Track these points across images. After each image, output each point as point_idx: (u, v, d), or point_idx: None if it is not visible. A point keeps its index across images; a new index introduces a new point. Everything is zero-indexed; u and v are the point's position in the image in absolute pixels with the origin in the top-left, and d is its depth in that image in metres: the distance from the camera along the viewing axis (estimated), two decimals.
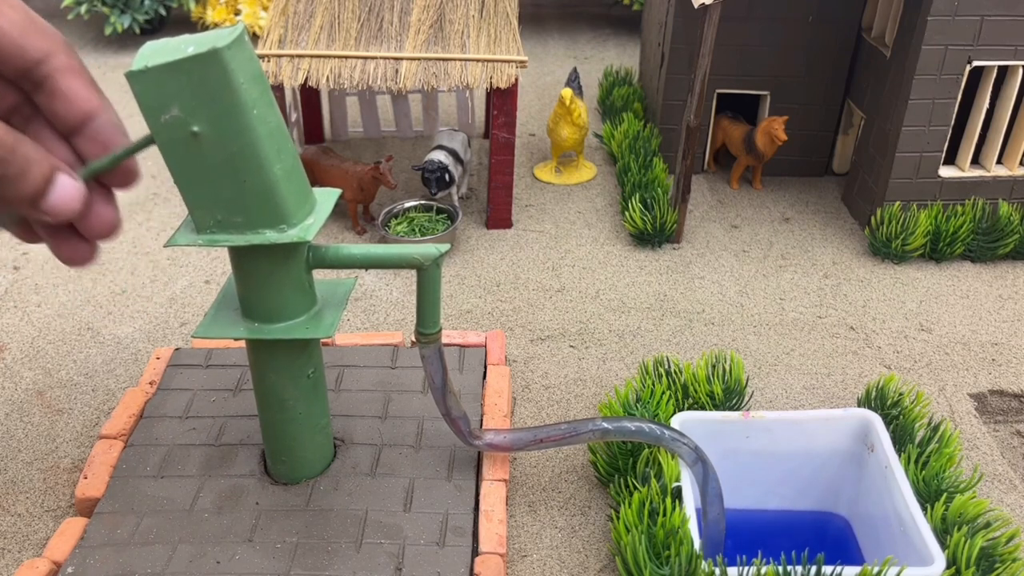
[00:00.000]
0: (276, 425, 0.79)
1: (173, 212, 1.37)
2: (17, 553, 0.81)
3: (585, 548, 0.82)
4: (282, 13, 1.25)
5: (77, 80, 0.57)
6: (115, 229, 0.62)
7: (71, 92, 0.57)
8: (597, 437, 0.81)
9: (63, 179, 0.56)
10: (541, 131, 1.65)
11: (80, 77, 0.58)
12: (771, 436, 0.86)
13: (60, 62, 0.57)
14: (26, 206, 0.56)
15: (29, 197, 0.55)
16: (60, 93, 0.57)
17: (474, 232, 1.33)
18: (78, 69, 0.58)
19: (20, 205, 0.56)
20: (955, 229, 1.23)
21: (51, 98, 0.57)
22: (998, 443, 0.97)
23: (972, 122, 1.26)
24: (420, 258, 0.71)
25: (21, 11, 0.55)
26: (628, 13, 2.28)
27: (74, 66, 0.58)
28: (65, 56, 0.57)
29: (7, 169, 0.53)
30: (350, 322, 1.13)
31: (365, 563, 0.76)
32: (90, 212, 0.60)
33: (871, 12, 1.36)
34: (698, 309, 1.16)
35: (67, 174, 0.57)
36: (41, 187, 0.55)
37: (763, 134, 1.36)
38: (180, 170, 0.62)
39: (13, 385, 1.02)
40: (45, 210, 0.56)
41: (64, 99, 0.57)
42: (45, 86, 0.57)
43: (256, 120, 0.60)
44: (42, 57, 0.56)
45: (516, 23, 1.27)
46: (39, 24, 0.56)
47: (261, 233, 0.64)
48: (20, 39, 0.55)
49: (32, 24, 0.56)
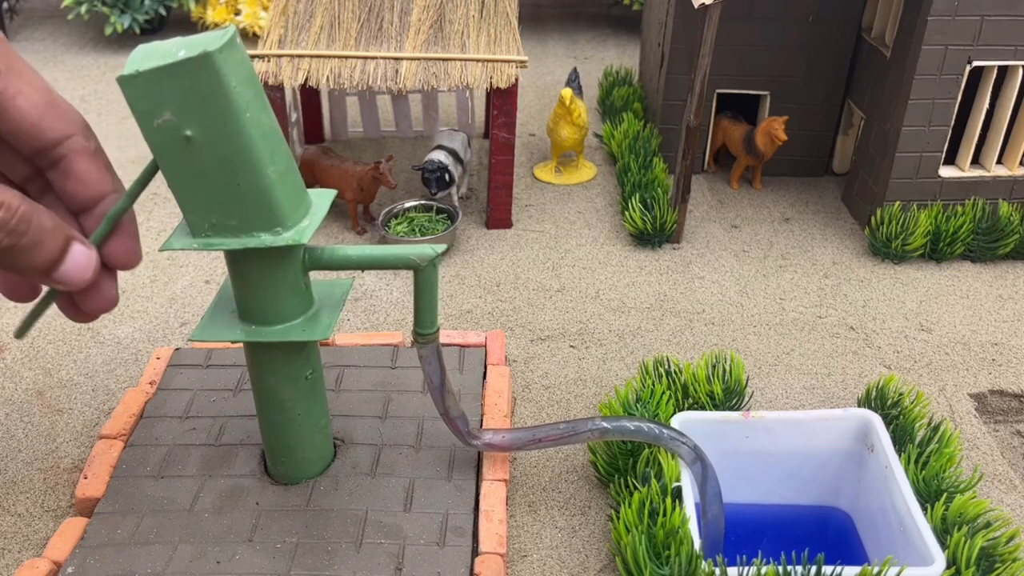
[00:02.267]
0: (275, 426, 0.79)
1: (173, 212, 1.37)
2: (17, 553, 0.81)
3: (585, 548, 0.82)
4: (282, 13, 1.25)
5: (93, 163, 0.59)
6: (113, 305, 0.63)
7: (86, 175, 0.58)
8: (596, 437, 0.81)
9: (77, 248, 0.57)
10: (541, 131, 1.65)
11: (97, 160, 0.59)
12: (771, 436, 0.86)
13: (77, 144, 0.58)
14: (39, 274, 0.57)
15: (44, 266, 0.56)
16: (75, 175, 0.58)
17: (474, 232, 1.33)
18: (95, 152, 0.59)
19: (33, 274, 0.57)
20: (955, 229, 1.23)
21: (65, 178, 0.58)
22: (998, 443, 0.97)
23: (972, 122, 1.26)
24: (416, 259, 0.71)
25: (43, 92, 0.56)
26: (628, 13, 2.28)
27: (90, 149, 0.59)
28: (83, 138, 0.58)
29: (23, 239, 0.54)
30: (350, 322, 1.13)
31: (365, 563, 0.76)
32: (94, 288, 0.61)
33: (871, 12, 1.35)
34: (698, 309, 1.16)
35: (81, 243, 0.58)
36: (56, 256, 0.56)
37: (763, 134, 1.36)
38: (174, 174, 0.61)
39: (13, 385, 1.02)
40: (57, 279, 0.57)
41: (78, 180, 0.59)
42: (60, 166, 0.58)
43: (249, 123, 0.60)
44: (59, 139, 0.57)
45: (516, 23, 1.27)
46: (60, 106, 0.57)
47: (256, 236, 0.64)
48: (39, 121, 0.56)
49: (52, 106, 0.57)
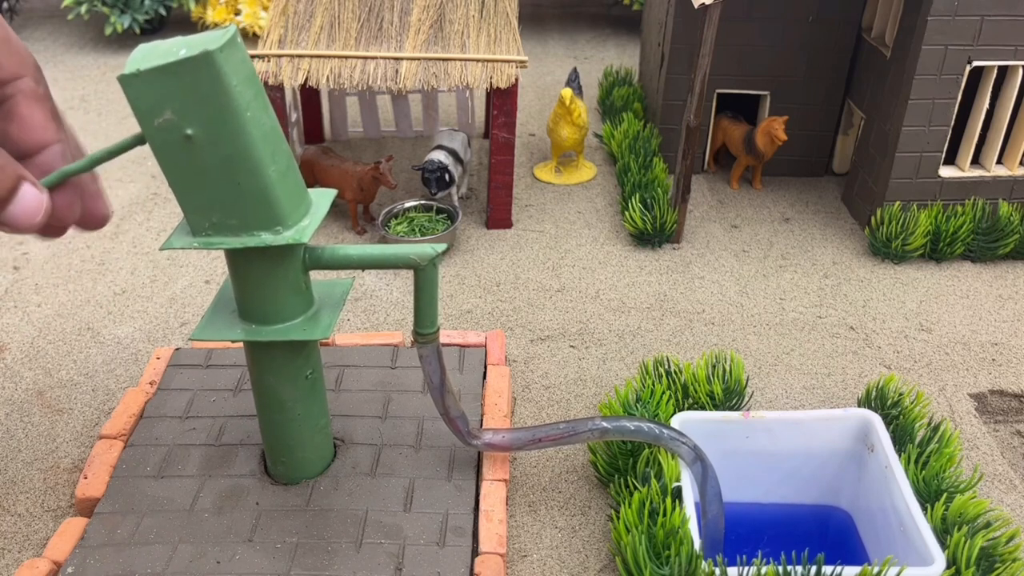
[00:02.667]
0: (275, 426, 0.79)
1: (173, 212, 1.37)
2: (17, 553, 0.81)
3: (585, 548, 0.82)
4: (282, 13, 1.25)
5: (39, 108, 0.56)
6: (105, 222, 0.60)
7: (30, 118, 0.56)
8: (596, 437, 0.81)
9: (28, 189, 0.54)
10: (541, 131, 1.65)
11: (42, 105, 0.56)
12: (771, 436, 0.86)
13: (27, 86, 0.55)
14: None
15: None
16: (18, 117, 0.55)
17: (474, 232, 1.33)
18: (43, 97, 0.56)
19: None
20: (955, 229, 1.23)
21: (7, 119, 0.55)
22: (998, 443, 0.97)
23: (972, 122, 1.26)
24: (417, 258, 0.71)
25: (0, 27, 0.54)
26: (628, 13, 2.28)
27: (39, 93, 0.56)
28: (32, 80, 0.55)
29: None
30: (350, 322, 1.13)
31: (365, 563, 0.76)
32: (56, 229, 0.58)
33: (871, 12, 1.35)
34: (698, 309, 1.16)
35: (33, 184, 0.55)
36: (4, 196, 0.53)
37: (763, 134, 1.36)
38: (174, 173, 0.61)
39: (13, 385, 1.02)
40: (5, 220, 0.54)
41: (21, 123, 0.56)
42: (5, 107, 0.55)
43: (250, 122, 0.60)
44: (9, 77, 0.54)
45: (516, 23, 1.27)
46: (13, 44, 0.55)
47: (256, 235, 0.64)
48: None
49: (5, 43, 0.54)
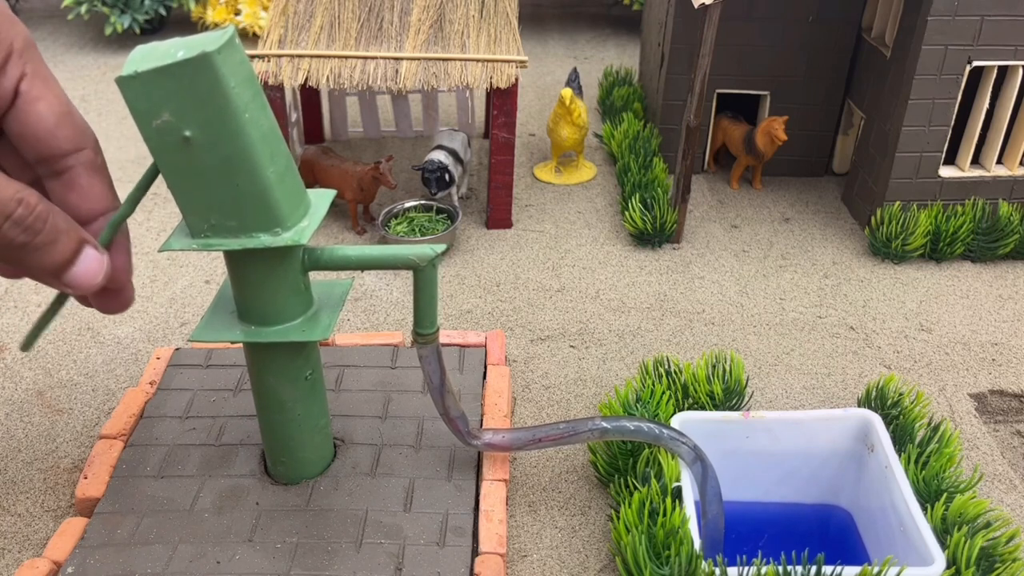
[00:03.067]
0: (275, 426, 0.79)
1: (173, 212, 1.37)
2: (17, 553, 0.81)
3: (585, 548, 0.82)
4: (282, 13, 1.25)
5: (98, 178, 0.59)
6: (129, 305, 0.64)
7: (90, 188, 0.58)
8: (596, 437, 0.81)
9: (89, 252, 0.57)
10: (541, 131, 1.65)
11: (101, 176, 0.59)
12: (771, 436, 0.86)
13: (87, 157, 0.58)
14: (49, 275, 0.57)
15: (55, 268, 0.56)
16: (79, 188, 0.58)
17: (474, 232, 1.33)
18: (101, 167, 0.59)
19: (43, 274, 0.57)
20: (955, 229, 1.23)
21: (68, 189, 0.58)
22: (998, 443, 0.97)
23: (972, 122, 1.26)
24: (416, 259, 0.71)
25: (62, 101, 0.57)
26: (628, 13, 2.28)
27: (99, 164, 0.59)
28: (92, 153, 0.58)
29: (37, 237, 0.54)
30: (350, 322, 1.13)
31: (365, 563, 0.76)
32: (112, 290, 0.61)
33: (871, 12, 1.35)
34: (698, 309, 1.16)
35: (94, 247, 0.58)
36: (68, 258, 0.56)
37: (763, 134, 1.36)
38: (173, 175, 0.61)
39: (13, 385, 1.02)
40: (68, 282, 0.57)
41: (81, 194, 0.58)
42: (64, 177, 0.58)
43: (248, 123, 0.59)
44: (71, 150, 0.57)
45: (516, 23, 1.27)
46: (76, 118, 0.57)
47: (255, 236, 0.64)
48: (55, 128, 0.56)
49: (69, 116, 0.57)
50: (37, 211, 0.54)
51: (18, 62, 0.54)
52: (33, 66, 0.55)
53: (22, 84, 0.55)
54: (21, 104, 0.55)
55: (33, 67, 0.55)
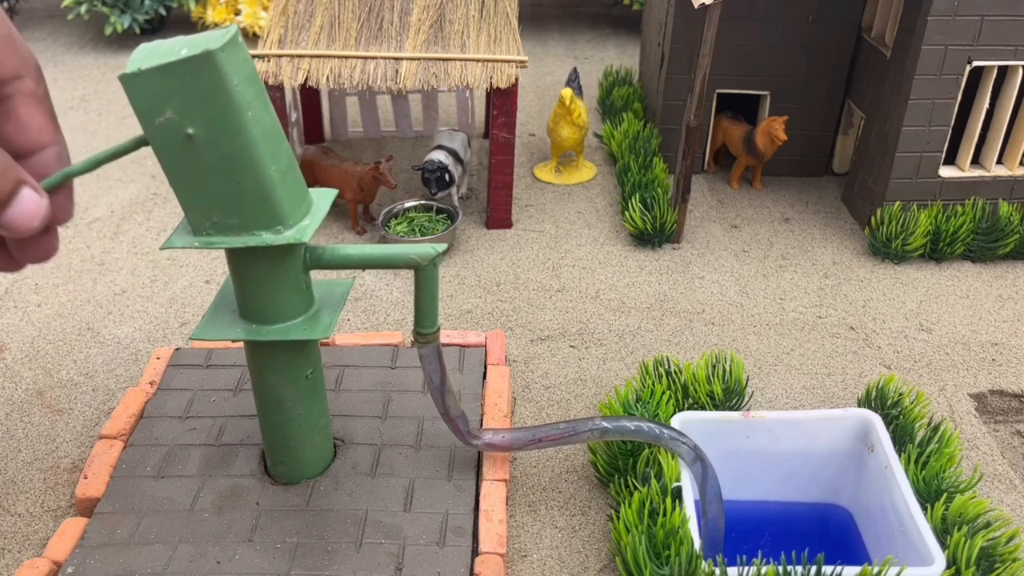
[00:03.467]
0: (275, 425, 0.79)
1: (173, 212, 1.37)
2: (17, 553, 0.81)
3: (585, 548, 0.82)
4: (282, 13, 1.25)
5: (38, 109, 0.55)
6: (51, 256, 0.58)
7: (28, 119, 0.54)
8: (596, 437, 0.81)
9: (28, 193, 0.53)
10: (541, 131, 1.65)
11: (42, 106, 0.55)
12: (771, 436, 0.86)
13: (26, 86, 0.54)
14: None
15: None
16: (16, 118, 0.54)
17: (474, 232, 1.33)
18: (42, 98, 0.55)
19: None
20: (955, 229, 1.23)
21: (5, 120, 0.54)
22: (998, 443, 0.97)
23: (972, 122, 1.26)
24: (417, 258, 0.71)
25: (3, 24, 0.53)
26: (628, 13, 2.28)
27: (39, 94, 0.55)
28: (33, 81, 0.54)
29: None
30: (350, 322, 1.13)
31: (365, 563, 0.76)
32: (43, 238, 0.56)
33: (871, 12, 1.35)
34: (698, 309, 1.16)
35: (33, 188, 0.54)
36: (3, 199, 0.52)
37: (763, 134, 1.36)
38: (175, 172, 0.61)
39: (13, 385, 1.02)
40: (3, 223, 0.53)
41: (19, 124, 0.54)
42: (2, 106, 0.54)
43: (251, 122, 0.60)
44: (9, 77, 0.53)
45: (516, 23, 1.27)
46: (16, 43, 0.54)
47: (257, 235, 0.64)
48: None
49: (8, 41, 0.53)
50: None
51: None
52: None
53: None
54: None
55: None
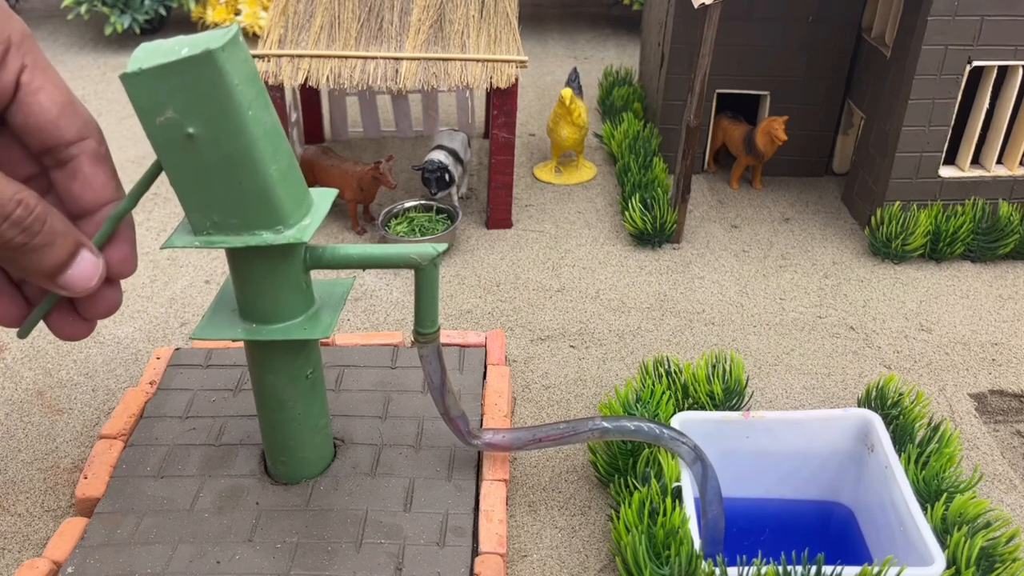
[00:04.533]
0: (275, 425, 0.79)
1: (173, 212, 1.37)
2: (17, 553, 0.81)
3: (585, 548, 0.82)
4: (282, 13, 1.25)
5: (101, 167, 0.59)
6: (116, 309, 0.63)
7: (93, 178, 0.58)
8: (596, 437, 0.81)
9: (86, 255, 0.57)
10: (541, 131, 1.65)
11: (105, 165, 0.59)
12: (771, 436, 0.86)
13: (90, 147, 0.58)
14: (43, 277, 0.57)
15: (50, 269, 0.56)
16: (82, 177, 0.58)
17: (474, 232, 1.33)
18: (104, 157, 0.59)
19: (38, 276, 0.57)
20: (955, 229, 1.23)
21: (71, 179, 0.58)
22: (998, 443, 0.97)
23: (972, 122, 1.26)
24: (418, 258, 0.71)
25: (63, 91, 0.56)
26: (628, 13, 2.28)
27: (102, 154, 0.59)
28: (95, 143, 0.58)
29: (34, 239, 0.54)
30: (350, 322, 1.13)
31: (365, 563, 0.76)
32: (97, 292, 0.60)
33: (871, 12, 1.35)
34: (698, 309, 1.16)
35: (90, 250, 0.57)
36: (65, 260, 0.56)
37: (763, 134, 1.36)
38: (176, 172, 0.62)
39: (13, 385, 1.02)
40: (62, 284, 0.57)
41: (84, 183, 0.58)
42: (68, 167, 0.58)
43: (251, 121, 0.60)
44: (74, 139, 0.57)
45: (516, 23, 1.27)
46: (78, 107, 0.57)
47: (258, 234, 0.64)
48: (57, 118, 0.56)
49: (71, 106, 0.57)
50: (36, 212, 0.54)
51: (17, 54, 0.54)
52: (32, 57, 0.55)
53: (23, 76, 0.55)
54: (23, 96, 0.55)
55: (32, 58, 0.55)
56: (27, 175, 0.59)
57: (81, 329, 0.63)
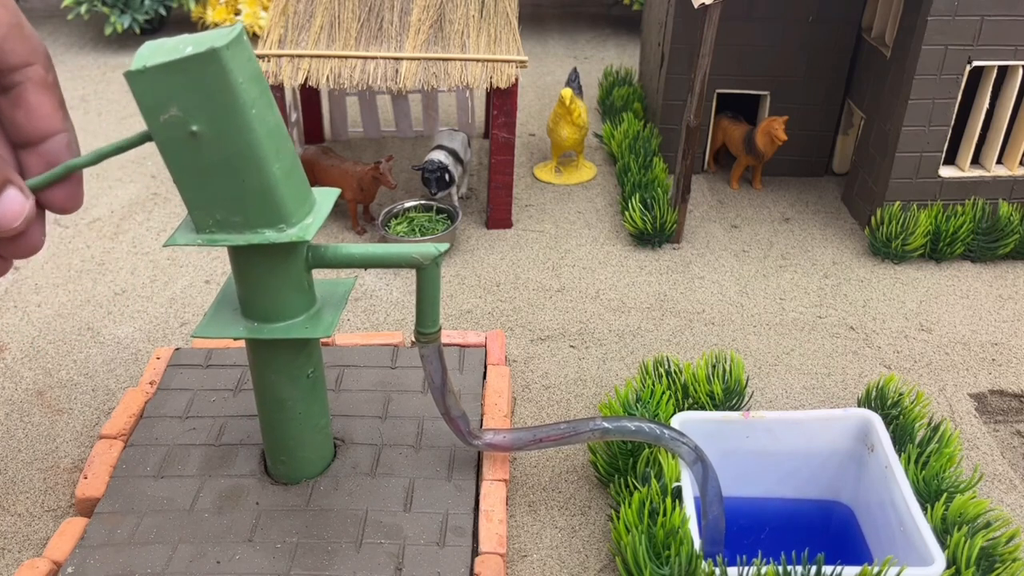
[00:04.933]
0: (275, 425, 0.79)
1: (173, 212, 1.37)
2: (17, 553, 0.81)
3: (585, 548, 0.82)
4: (282, 13, 1.25)
5: (48, 96, 0.55)
6: (36, 251, 0.58)
7: (38, 106, 0.55)
8: (597, 437, 0.81)
9: (12, 192, 0.53)
10: (541, 131, 1.65)
11: (52, 94, 0.55)
12: (771, 436, 0.86)
13: (36, 73, 0.54)
14: None
15: None
16: (26, 104, 0.54)
17: (474, 232, 1.33)
18: (52, 85, 0.55)
19: None
20: (955, 229, 1.23)
21: (15, 107, 0.54)
22: (998, 443, 0.97)
23: (972, 122, 1.26)
24: (419, 257, 0.71)
25: (11, 12, 0.53)
26: (628, 13, 2.28)
27: (49, 81, 0.55)
28: (43, 68, 0.54)
29: None
30: (350, 322, 1.13)
31: (365, 563, 0.76)
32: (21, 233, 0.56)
33: (871, 12, 1.36)
34: (698, 309, 1.16)
35: (18, 188, 0.54)
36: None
37: (763, 134, 1.36)
38: (179, 170, 0.62)
39: (13, 385, 1.02)
40: None
41: (29, 111, 0.55)
42: (12, 93, 0.54)
43: (255, 120, 0.60)
44: (20, 64, 0.53)
45: (516, 23, 1.27)
46: (26, 30, 0.54)
47: (260, 233, 0.64)
48: (3, 41, 0.52)
49: (19, 29, 0.53)
50: None
51: None
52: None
53: None
54: None
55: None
56: None
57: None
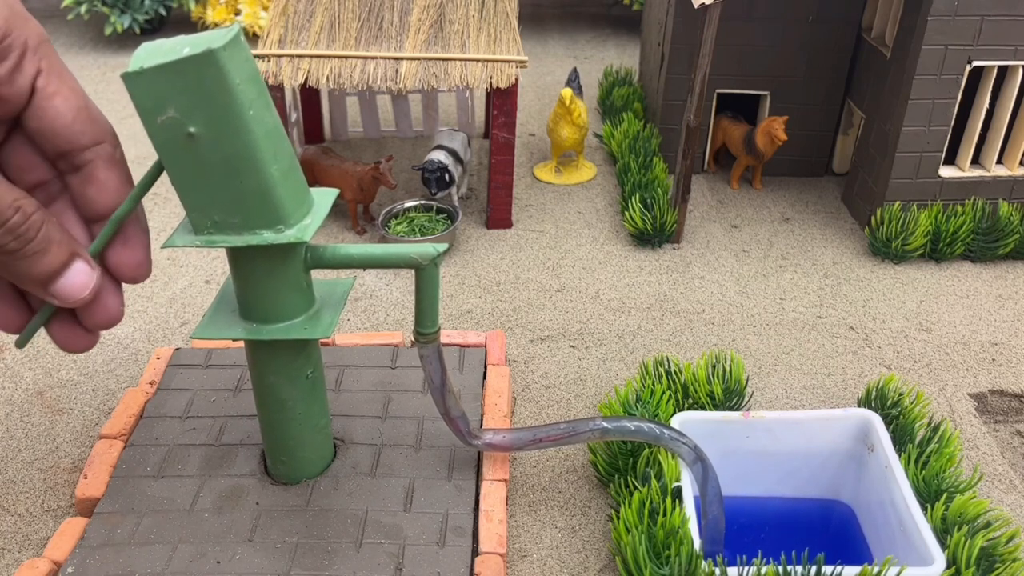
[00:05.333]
0: (275, 425, 0.79)
1: (172, 212, 1.37)
2: (17, 553, 0.81)
3: (585, 548, 0.82)
4: (282, 13, 1.25)
5: (116, 172, 0.59)
6: (117, 321, 0.62)
7: (107, 181, 0.59)
8: (596, 437, 0.81)
9: (79, 265, 0.57)
10: (541, 131, 1.65)
11: (120, 169, 0.59)
12: (771, 436, 0.86)
13: (105, 151, 0.58)
14: (36, 284, 0.57)
15: (42, 277, 0.56)
16: (96, 181, 0.58)
17: (474, 232, 1.33)
18: (119, 161, 0.59)
19: (30, 283, 0.57)
20: (955, 229, 1.23)
21: (86, 184, 0.58)
22: (998, 443, 0.97)
23: (972, 122, 1.26)
24: (418, 257, 0.71)
25: (79, 95, 0.57)
26: (628, 13, 2.28)
27: (116, 158, 0.59)
28: (110, 146, 0.59)
29: (28, 246, 0.54)
30: (350, 322, 1.13)
31: (365, 563, 0.76)
32: (96, 301, 0.60)
33: (871, 12, 1.36)
34: (698, 309, 1.16)
35: (85, 261, 0.58)
36: (57, 269, 0.56)
37: (763, 134, 1.36)
38: (177, 171, 0.62)
39: (13, 385, 1.02)
40: (54, 293, 0.57)
41: (99, 188, 0.59)
42: (83, 171, 0.58)
43: (252, 121, 0.60)
44: (89, 144, 0.57)
45: (516, 23, 1.27)
46: (93, 111, 0.58)
47: (258, 234, 0.64)
48: (72, 123, 0.56)
49: (86, 111, 0.57)
50: (32, 219, 0.54)
51: (33, 58, 0.55)
52: (48, 61, 0.55)
53: (38, 80, 0.55)
54: (38, 100, 0.55)
55: (48, 62, 0.55)
56: (41, 179, 0.59)
57: (82, 340, 0.63)
